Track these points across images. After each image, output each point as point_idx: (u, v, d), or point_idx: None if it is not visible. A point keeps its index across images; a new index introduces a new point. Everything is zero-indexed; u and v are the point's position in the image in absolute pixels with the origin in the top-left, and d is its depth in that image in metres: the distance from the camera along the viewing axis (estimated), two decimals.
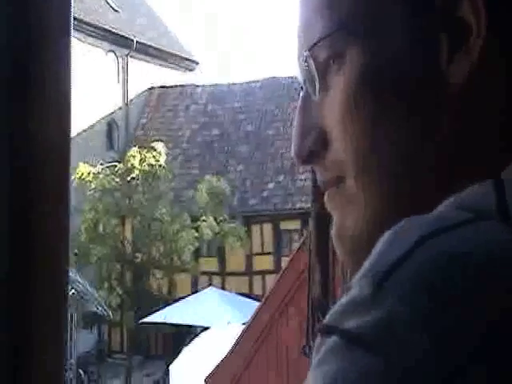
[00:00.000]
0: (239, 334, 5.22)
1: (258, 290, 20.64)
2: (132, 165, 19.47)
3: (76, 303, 19.58)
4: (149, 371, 19.85)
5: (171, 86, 26.92)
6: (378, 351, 0.40)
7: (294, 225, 21.42)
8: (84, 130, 23.81)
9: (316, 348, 0.43)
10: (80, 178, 19.19)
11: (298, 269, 7.16)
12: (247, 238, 21.06)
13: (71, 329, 20.60)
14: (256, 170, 23.11)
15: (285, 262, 11.94)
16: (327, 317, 0.44)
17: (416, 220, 0.45)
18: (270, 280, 15.71)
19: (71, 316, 20.34)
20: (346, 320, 0.42)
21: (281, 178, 22.70)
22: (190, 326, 17.43)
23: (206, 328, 14.77)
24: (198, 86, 27.02)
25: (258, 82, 25.51)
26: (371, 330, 0.40)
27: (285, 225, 21.82)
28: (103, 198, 19.39)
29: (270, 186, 22.79)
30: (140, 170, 19.43)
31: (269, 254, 22.12)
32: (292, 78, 24.16)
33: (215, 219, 19.15)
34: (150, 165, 19.46)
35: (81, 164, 19.42)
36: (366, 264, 0.44)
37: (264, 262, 21.76)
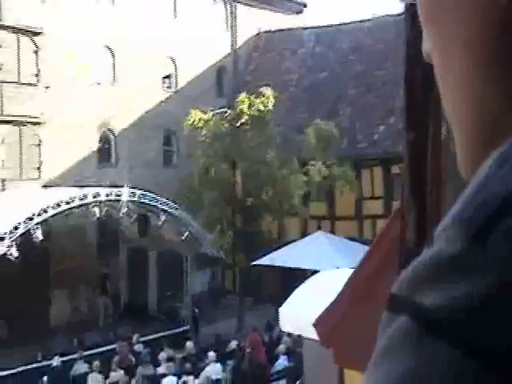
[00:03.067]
0: (348, 278, 5.25)
1: (368, 235, 20.55)
2: (241, 110, 19.67)
3: (190, 245, 20.32)
4: (260, 312, 20.42)
5: (278, 30, 26.68)
6: (470, 347, 0.26)
7: None
8: (194, 78, 24.19)
9: (383, 325, 0.30)
10: (192, 124, 19.64)
11: None
12: (357, 182, 20.89)
13: (186, 270, 21.47)
14: (365, 112, 22.66)
15: (396, 206, 11.79)
16: (396, 283, 0.30)
17: None
18: (381, 224, 15.57)
19: (186, 257, 21.17)
20: (422, 292, 0.28)
21: (391, 120, 22.15)
22: (300, 269, 17.67)
23: (316, 271, 14.92)
24: (305, 28, 26.61)
25: (367, 21, 24.77)
26: (462, 312, 0.26)
27: (396, 168, 21.38)
28: (214, 144, 19.79)
29: (380, 128, 22.32)
30: (249, 115, 19.60)
31: (379, 198, 21.86)
32: (403, 15, 23.25)
33: (324, 163, 19.10)
34: (259, 110, 19.56)
35: (192, 111, 19.84)
36: (456, 207, 0.29)
37: (374, 207, 21.56)
